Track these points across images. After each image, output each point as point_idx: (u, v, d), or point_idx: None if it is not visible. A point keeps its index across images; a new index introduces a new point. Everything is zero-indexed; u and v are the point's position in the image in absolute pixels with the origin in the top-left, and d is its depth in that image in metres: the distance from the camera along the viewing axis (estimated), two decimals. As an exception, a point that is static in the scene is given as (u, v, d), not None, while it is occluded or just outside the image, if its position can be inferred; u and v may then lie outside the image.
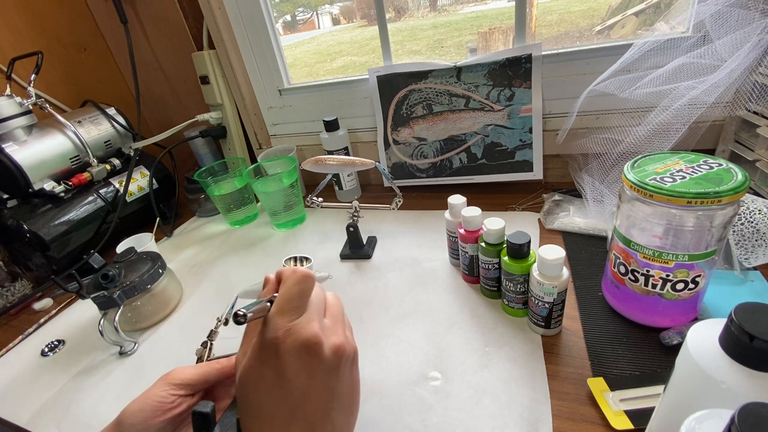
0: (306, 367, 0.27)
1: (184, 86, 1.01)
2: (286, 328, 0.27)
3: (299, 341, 0.27)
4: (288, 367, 0.27)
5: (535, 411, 0.39)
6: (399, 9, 4.66)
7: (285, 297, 0.29)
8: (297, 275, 0.30)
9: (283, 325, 0.27)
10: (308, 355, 0.27)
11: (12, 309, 0.70)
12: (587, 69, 0.70)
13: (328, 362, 0.28)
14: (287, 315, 0.28)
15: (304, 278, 0.30)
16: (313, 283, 0.31)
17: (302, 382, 0.27)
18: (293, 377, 0.27)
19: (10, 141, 0.72)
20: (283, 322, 0.27)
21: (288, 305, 0.28)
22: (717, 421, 0.21)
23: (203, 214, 0.93)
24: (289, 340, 0.27)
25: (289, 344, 0.27)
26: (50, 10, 0.92)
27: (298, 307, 0.29)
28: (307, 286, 0.30)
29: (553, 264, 0.41)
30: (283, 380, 0.27)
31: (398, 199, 0.67)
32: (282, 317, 0.28)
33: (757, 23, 0.51)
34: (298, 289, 0.29)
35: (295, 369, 0.27)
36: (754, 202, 0.50)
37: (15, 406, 0.51)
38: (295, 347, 0.27)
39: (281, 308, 0.28)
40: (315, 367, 0.27)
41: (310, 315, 0.29)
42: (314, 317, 0.29)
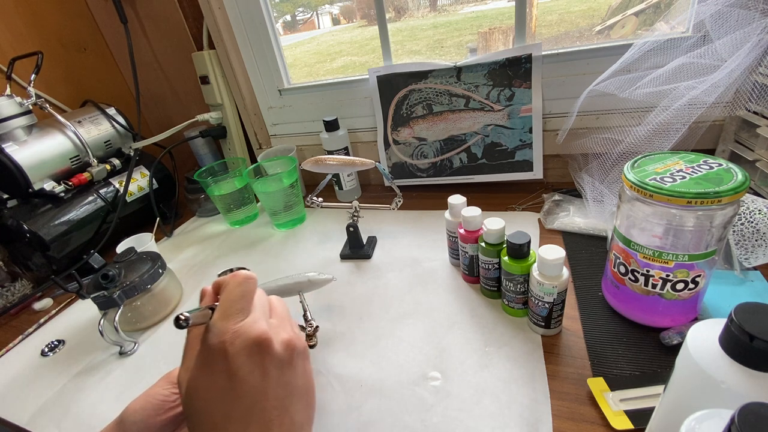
0: (258, 365, 0.26)
1: (184, 86, 1.01)
2: (232, 330, 0.26)
3: (248, 341, 0.26)
4: (240, 369, 0.26)
5: (535, 411, 0.39)
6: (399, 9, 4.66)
7: (227, 301, 0.28)
8: (238, 278, 0.29)
9: (229, 329, 0.27)
10: (259, 353, 0.27)
11: (12, 309, 0.70)
12: (587, 69, 0.70)
13: (280, 357, 0.28)
14: (232, 318, 0.27)
15: (245, 280, 0.29)
16: (254, 284, 0.30)
17: (256, 380, 0.26)
18: (246, 377, 0.26)
19: (10, 141, 0.72)
20: (228, 325, 0.27)
21: (231, 308, 0.28)
22: (717, 421, 0.21)
23: (203, 214, 0.93)
24: (237, 341, 0.26)
25: (237, 345, 0.26)
26: (50, 10, 0.92)
27: (243, 309, 0.28)
28: (249, 287, 0.29)
29: (553, 264, 0.41)
30: (235, 382, 0.26)
31: (398, 199, 0.67)
32: (227, 321, 0.27)
33: (757, 23, 0.51)
34: (240, 290, 0.29)
35: (247, 369, 0.26)
36: (754, 202, 0.50)
37: (15, 406, 0.51)
38: (245, 347, 0.26)
39: (225, 312, 0.28)
40: (267, 364, 0.27)
41: (256, 315, 0.28)
42: (260, 317, 0.28)
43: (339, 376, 0.47)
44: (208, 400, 0.26)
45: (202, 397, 0.26)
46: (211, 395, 0.26)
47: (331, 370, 0.48)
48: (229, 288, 0.29)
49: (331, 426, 0.42)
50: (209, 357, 0.26)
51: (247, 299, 0.29)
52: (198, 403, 0.26)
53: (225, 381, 0.26)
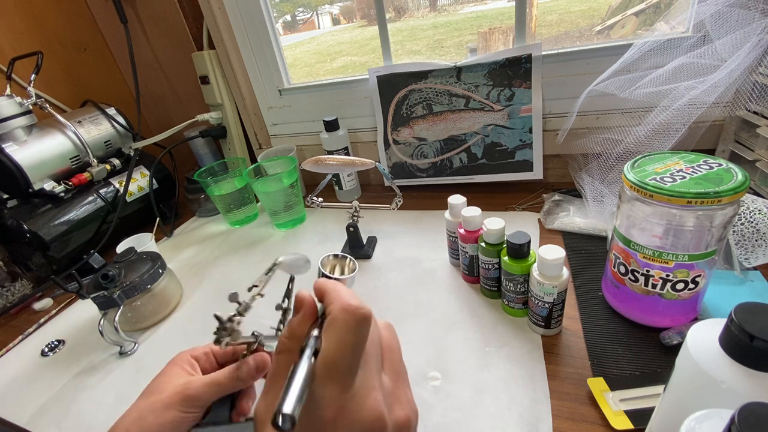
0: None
1: (184, 86, 1.01)
2: (337, 404, 0.20)
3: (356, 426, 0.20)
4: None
5: (535, 411, 0.39)
6: (399, 9, 4.66)
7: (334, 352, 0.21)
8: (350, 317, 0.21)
9: (333, 399, 0.20)
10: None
11: (12, 309, 0.70)
12: (587, 69, 0.70)
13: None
14: (338, 381, 0.20)
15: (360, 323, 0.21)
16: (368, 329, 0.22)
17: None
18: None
19: (10, 141, 0.72)
20: (333, 392, 0.20)
21: (339, 365, 0.20)
22: (717, 421, 0.21)
23: (203, 214, 0.93)
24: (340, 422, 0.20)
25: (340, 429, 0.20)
26: (50, 10, 0.92)
27: (351, 369, 0.21)
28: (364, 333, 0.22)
29: (553, 264, 0.41)
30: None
31: (398, 199, 0.67)
32: (331, 385, 0.20)
33: (757, 23, 0.51)
34: (353, 339, 0.21)
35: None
36: (754, 202, 0.50)
37: (15, 406, 0.51)
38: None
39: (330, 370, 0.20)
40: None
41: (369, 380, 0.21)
42: (374, 382, 0.21)
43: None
44: None
45: None
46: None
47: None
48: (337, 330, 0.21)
49: (331, 426, 0.42)
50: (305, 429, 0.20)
51: (359, 352, 0.21)
52: None
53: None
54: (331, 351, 0.21)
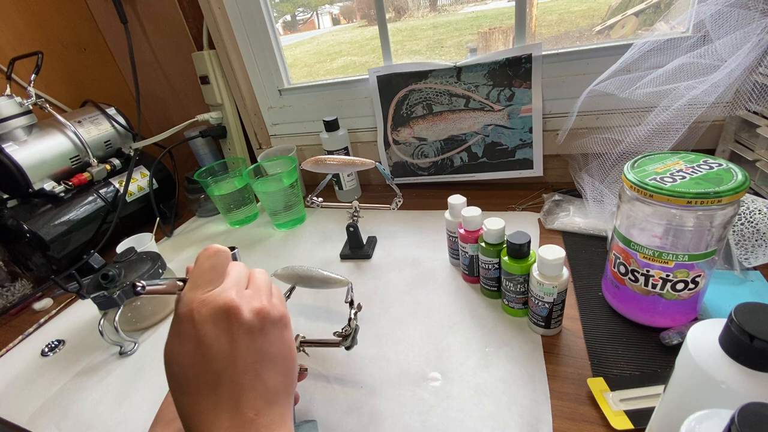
0: (226, 331, 0.27)
1: (184, 86, 1.01)
2: (200, 299, 0.27)
3: (215, 308, 0.27)
4: (206, 335, 0.27)
5: (535, 411, 0.39)
6: (399, 9, 4.66)
7: (197, 272, 0.29)
8: (208, 251, 0.30)
9: (196, 298, 0.27)
10: (226, 320, 0.27)
11: (12, 309, 0.70)
12: (587, 69, 0.70)
13: (250, 324, 0.28)
14: (200, 288, 0.28)
15: (216, 253, 0.30)
16: (226, 256, 0.30)
17: (223, 346, 0.27)
18: (213, 342, 0.27)
19: (10, 141, 0.72)
20: (196, 294, 0.28)
21: (200, 279, 0.29)
22: (717, 421, 0.21)
23: (203, 214, 0.93)
24: (204, 309, 0.27)
25: (204, 313, 0.27)
26: (50, 10, 0.92)
27: (212, 280, 0.29)
28: (220, 260, 0.30)
29: (553, 264, 0.41)
30: (203, 348, 0.27)
31: (398, 199, 0.67)
32: (194, 291, 0.28)
33: (757, 23, 0.51)
34: (210, 263, 0.29)
35: (214, 334, 0.27)
36: (754, 202, 0.50)
37: (15, 406, 0.52)
38: (211, 315, 0.27)
39: (194, 283, 0.28)
40: (235, 330, 0.27)
41: (226, 285, 0.29)
42: (230, 287, 0.29)
43: (339, 376, 0.47)
44: (180, 365, 0.27)
45: (175, 362, 0.27)
46: (182, 360, 0.27)
47: (331, 371, 0.48)
48: (199, 261, 0.30)
49: (332, 427, 0.42)
50: (179, 325, 0.27)
51: (218, 271, 0.29)
52: (173, 368, 0.27)
53: (193, 347, 0.27)
54: (193, 272, 0.29)
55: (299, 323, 0.56)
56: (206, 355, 0.27)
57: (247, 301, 0.29)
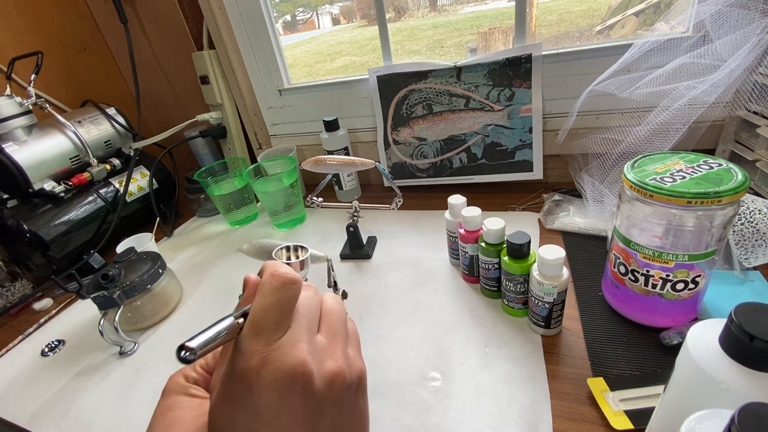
0: (289, 406, 0.21)
1: (184, 86, 1.01)
2: (261, 355, 0.21)
3: (279, 373, 0.21)
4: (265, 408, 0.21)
5: (535, 411, 0.39)
6: (399, 9, 4.66)
7: (260, 311, 0.22)
8: (276, 280, 0.23)
9: (257, 351, 0.21)
10: (292, 390, 0.21)
11: (12, 309, 0.70)
12: (587, 69, 0.70)
13: (321, 397, 0.22)
14: (263, 335, 0.21)
15: (285, 284, 0.23)
16: (298, 289, 0.24)
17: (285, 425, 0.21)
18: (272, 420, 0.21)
19: (10, 141, 0.72)
20: (257, 346, 0.21)
21: (264, 322, 0.22)
22: (717, 421, 0.21)
23: (203, 214, 0.93)
24: (264, 371, 0.21)
25: (265, 378, 0.21)
26: (50, 10, 0.92)
27: (278, 324, 0.22)
28: (290, 294, 0.23)
29: (553, 264, 0.41)
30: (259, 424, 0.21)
31: (398, 199, 0.67)
32: (256, 339, 0.21)
33: (757, 23, 0.51)
34: (277, 299, 0.22)
35: (275, 410, 0.21)
36: (754, 202, 0.50)
37: (15, 406, 0.51)
38: (274, 382, 0.21)
39: (255, 326, 0.22)
40: (303, 406, 0.21)
41: (296, 334, 0.22)
42: (302, 336, 0.22)
43: (339, 376, 0.47)
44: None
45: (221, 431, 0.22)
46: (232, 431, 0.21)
47: (331, 370, 0.48)
48: (263, 293, 0.23)
49: (331, 426, 0.42)
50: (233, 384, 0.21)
51: (286, 311, 0.23)
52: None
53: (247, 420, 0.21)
54: (256, 309, 0.22)
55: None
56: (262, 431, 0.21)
57: (320, 359, 0.23)
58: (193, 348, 0.20)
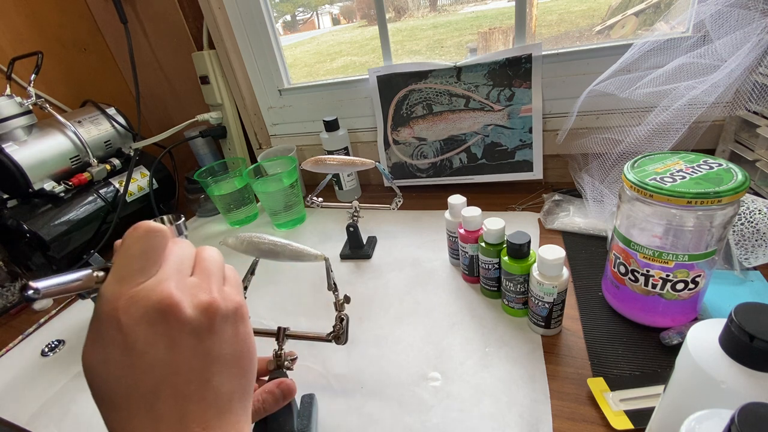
0: (163, 335, 0.22)
1: (184, 86, 1.01)
2: (127, 296, 0.22)
3: (147, 307, 0.22)
4: (138, 341, 0.21)
5: (535, 411, 0.39)
6: (399, 9, 4.66)
7: (123, 258, 0.23)
8: (137, 230, 0.23)
9: (122, 293, 0.22)
10: (163, 320, 0.22)
11: (12, 309, 0.70)
12: (587, 69, 0.70)
13: (194, 324, 0.23)
14: (128, 280, 0.22)
15: (148, 233, 0.23)
16: (163, 238, 0.24)
17: (160, 353, 0.22)
18: (146, 350, 0.22)
19: (10, 141, 0.72)
20: (122, 289, 0.22)
21: (128, 269, 0.23)
22: (717, 421, 0.21)
23: (203, 214, 0.93)
24: (133, 309, 0.22)
25: (133, 314, 0.21)
26: (50, 10, 0.92)
27: (143, 269, 0.23)
28: (154, 242, 0.24)
29: (553, 264, 0.41)
30: (134, 356, 0.21)
31: (398, 199, 0.67)
32: (119, 285, 0.22)
33: (757, 23, 0.51)
34: (141, 246, 0.23)
35: (148, 340, 0.22)
36: (754, 202, 0.50)
37: (15, 406, 0.52)
38: (143, 315, 0.22)
39: (119, 273, 0.23)
40: (176, 332, 0.22)
41: (163, 274, 0.23)
42: (169, 275, 0.23)
43: (339, 376, 0.47)
44: (105, 377, 0.22)
45: (98, 374, 0.22)
46: (107, 372, 0.22)
47: (331, 371, 0.48)
48: (126, 243, 0.23)
49: (332, 427, 0.42)
50: (100, 328, 0.22)
51: (150, 256, 0.23)
52: (95, 380, 0.22)
53: (121, 355, 0.21)
54: (117, 257, 0.23)
55: (299, 323, 0.55)
56: (138, 364, 0.22)
57: (190, 293, 0.23)
58: (38, 288, 0.21)
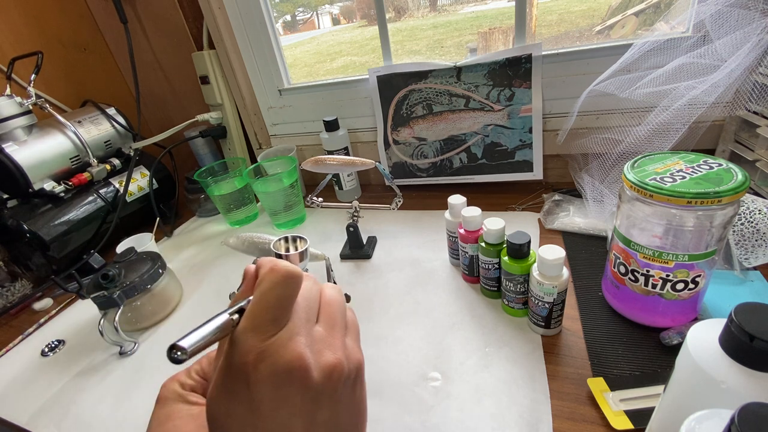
0: (286, 399, 0.21)
1: (184, 86, 1.01)
2: (258, 350, 0.21)
3: (276, 367, 0.21)
4: (263, 402, 0.21)
5: (535, 411, 0.39)
6: (399, 9, 4.66)
7: (257, 307, 0.22)
8: (275, 275, 0.22)
9: (254, 346, 0.21)
10: (289, 384, 0.21)
11: (12, 309, 0.70)
12: (587, 69, 0.70)
13: (319, 389, 0.21)
14: (260, 331, 0.21)
15: (286, 280, 0.22)
16: (298, 284, 0.23)
17: (283, 419, 0.21)
18: (270, 413, 0.21)
19: (10, 141, 0.72)
20: (254, 341, 0.21)
21: (261, 318, 0.22)
22: (717, 421, 0.21)
23: (203, 214, 0.93)
24: (261, 366, 0.20)
25: (263, 372, 0.20)
26: (50, 10, 0.92)
27: (276, 320, 0.22)
28: (290, 289, 0.23)
29: (553, 264, 0.41)
30: (256, 417, 0.21)
31: (398, 199, 0.67)
32: (253, 335, 0.21)
33: (757, 23, 0.51)
34: (277, 294, 0.22)
35: (273, 404, 0.21)
36: (754, 202, 0.50)
37: (15, 406, 0.52)
38: (271, 376, 0.21)
39: (253, 322, 0.21)
40: (300, 399, 0.21)
41: (294, 327, 0.22)
42: (299, 329, 0.22)
43: (339, 376, 0.47)
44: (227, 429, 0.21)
45: (220, 425, 0.22)
46: (230, 425, 0.21)
47: (331, 370, 0.48)
48: (262, 289, 0.22)
49: (331, 426, 0.42)
50: (229, 378, 0.21)
51: (284, 307, 0.22)
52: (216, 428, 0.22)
53: (245, 413, 0.21)
54: (254, 305, 0.22)
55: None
56: (259, 426, 0.21)
57: (317, 350, 0.22)
58: (185, 348, 0.20)
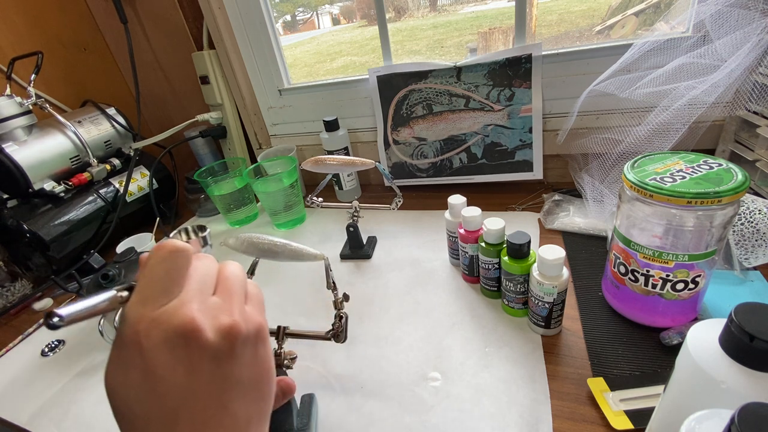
0: (182, 360, 0.22)
1: (184, 86, 1.01)
2: (149, 318, 0.22)
3: (169, 331, 0.22)
4: (158, 366, 0.21)
5: (535, 411, 0.39)
6: (399, 9, 4.66)
7: (146, 280, 0.23)
8: (162, 251, 0.23)
9: (145, 316, 0.22)
10: (184, 345, 0.22)
11: (12, 309, 0.70)
12: (587, 69, 0.70)
13: (215, 349, 0.22)
14: (151, 302, 0.22)
15: (172, 253, 0.23)
16: (186, 258, 0.24)
17: (180, 378, 0.22)
18: (166, 375, 0.21)
19: (10, 141, 0.72)
20: (144, 311, 0.22)
21: (151, 290, 0.23)
22: (717, 421, 0.21)
23: (203, 214, 0.93)
24: (154, 332, 0.21)
25: (155, 338, 0.21)
26: (50, 10, 0.92)
27: (167, 290, 0.23)
28: (178, 262, 0.24)
29: (553, 264, 0.41)
30: (153, 380, 0.21)
31: (398, 199, 0.67)
32: (143, 305, 0.22)
33: (757, 23, 0.51)
34: (164, 268, 0.23)
35: (168, 365, 0.22)
36: (754, 202, 0.50)
37: (15, 406, 0.52)
38: (164, 340, 0.21)
39: (142, 295, 0.23)
40: (196, 358, 0.22)
41: (186, 296, 0.23)
42: (191, 297, 0.23)
43: (339, 376, 0.47)
44: (126, 399, 0.22)
45: (119, 396, 0.22)
46: (128, 394, 0.22)
47: (331, 371, 0.48)
48: (150, 263, 0.23)
49: (332, 426, 0.42)
50: (122, 350, 0.22)
51: (174, 277, 0.23)
52: (116, 402, 0.22)
53: (141, 379, 0.22)
54: (142, 278, 0.23)
55: (299, 323, 0.55)
56: (158, 389, 0.22)
57: (212, 315, 0.23)
58: (62, 315, 0.21)
